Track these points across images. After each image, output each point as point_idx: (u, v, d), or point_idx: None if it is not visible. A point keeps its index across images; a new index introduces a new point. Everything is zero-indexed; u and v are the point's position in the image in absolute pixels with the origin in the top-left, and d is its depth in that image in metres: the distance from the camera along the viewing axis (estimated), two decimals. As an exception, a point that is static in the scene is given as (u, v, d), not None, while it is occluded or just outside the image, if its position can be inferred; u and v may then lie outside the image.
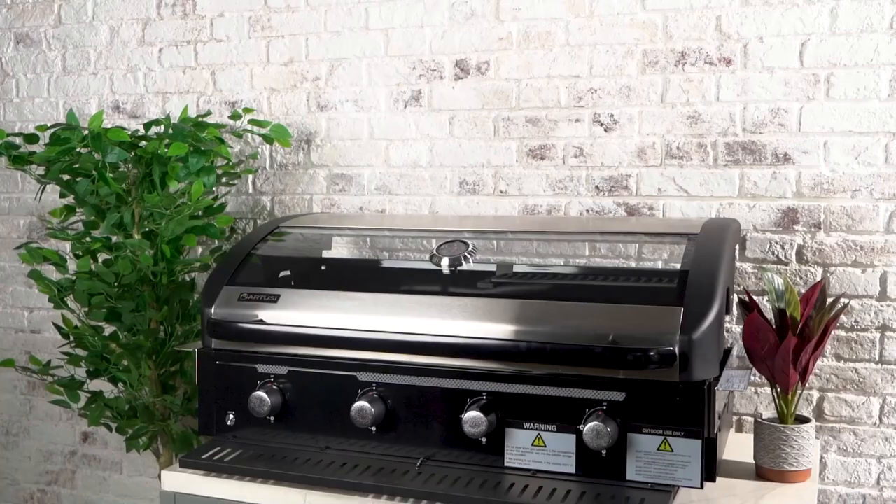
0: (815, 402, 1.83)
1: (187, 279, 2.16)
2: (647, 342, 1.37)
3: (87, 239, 2.02)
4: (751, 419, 1.85)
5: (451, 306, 1.52)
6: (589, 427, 1.38)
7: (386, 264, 2.08)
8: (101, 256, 2.09)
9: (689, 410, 1.36)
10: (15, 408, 2.62)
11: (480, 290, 1.58)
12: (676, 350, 1.35)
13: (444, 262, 1.61)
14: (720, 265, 1.47)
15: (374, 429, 1.54)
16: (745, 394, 1.87)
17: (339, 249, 2.08)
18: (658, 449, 1.38)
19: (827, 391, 1.83)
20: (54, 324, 2.19)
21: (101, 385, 2.24)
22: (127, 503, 2.51)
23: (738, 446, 1.69)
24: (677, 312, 1.39)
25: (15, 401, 2.62)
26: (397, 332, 1.51)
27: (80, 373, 2.18)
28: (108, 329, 2.13)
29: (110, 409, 2.08)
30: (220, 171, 2.09)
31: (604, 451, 1.41)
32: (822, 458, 1.83)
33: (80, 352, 2.11)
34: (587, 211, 1.95)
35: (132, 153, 1.93)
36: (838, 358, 1.82)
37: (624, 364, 1.37)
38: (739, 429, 1.88)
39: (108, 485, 2.53)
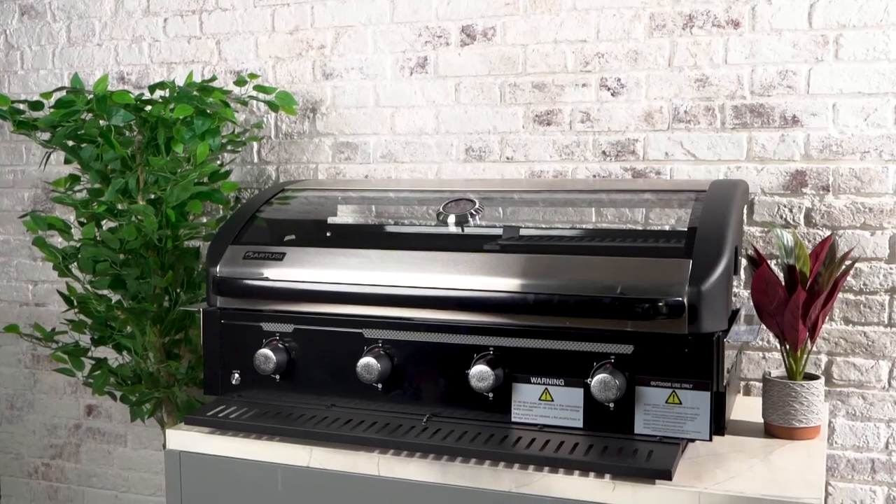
0: (823, 367, 1.82)
1: (192, 246, 2.15)
2: (656, 293, 1.35)
3: (93, 205, 2.02)
4: (758, 384, 1.84)
5: (457, 261, 1.51)
6: (597, 379, 1.37)
7: (392, 223, 2.07)
8: (106, 225, 2.08)
9: (697, 362, 1.35)
10: (19, 382, 2.61)
11: (487, 245, 1.57)
12: (685, 301, 1.34)
13: (451, 219, 1.60)
14: (729, 220, 1.46)
15: (379, 386, 1.53)
16: (753, 359, 1.86)
17: (345, 210, 2.07)
18: (666, 402, 1.37)
19: (835, 355, 1.81)
20: (59, 291, 2.18)
21: (105, 353, 2.24)
22: (131, 476, 2.50)
23: (746, 409, 1.68)
24: (686, 265, 1.37)
25: (19, 375, 2.61)
26: (403, 286, 1.50)
27: (85, 340, 2.18)
28: (113, 298, 2.13)
29: (115, 375, 2.07)
30: (224, 140, 2.09)
31: (611, 405, 1.40)
32: (830, 422, 1.82)
33: (84, 319, 2.10)
34: (594, 176, 1.94)
35: (137, 116, 1.93)
36: (847, 321, 1.80)
37: (632, 315, 1.36)
38: (747, 393, 1.86)
39: (112, 458, 2.52)
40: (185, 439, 1.57)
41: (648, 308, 1.35)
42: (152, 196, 2.02)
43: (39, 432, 2.61)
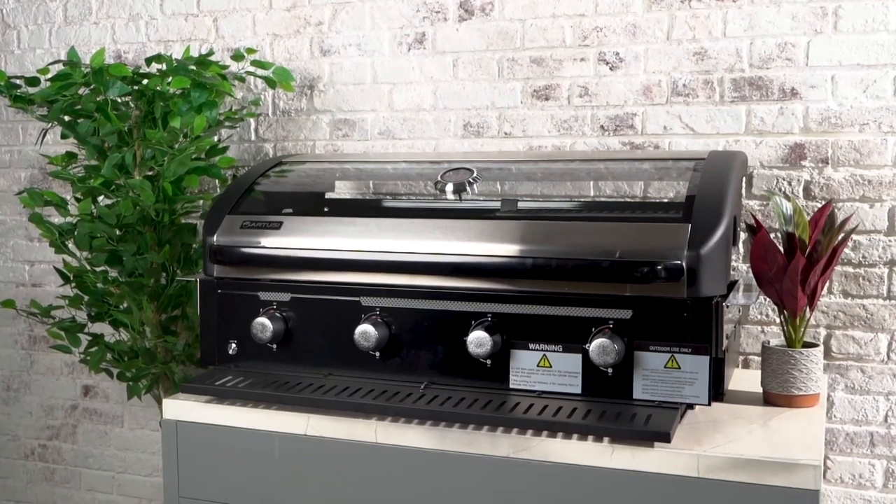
0: (822, 340, 1.82)
1: (189, 222, 2.14)
2: (655, 257, 1.35)
3: (90, 181, 2.01)
4: (757, 358, 1.84)
5: (455, 228, 1.50)
6: (595, 344, 1.36)
7: (390, 193, 2.06)
8: (103, 202, 2.07)
9: (696, 327, 1.35)
10: (16, 363, 2.61)
11: (485, 212, 1.56)
12: (684, 265, 1.34)
13: (449, 187, 1.60)
14: (728, 186, 1.45)
15: (377, 354, 1.53)
16: (752, 333, 1.85)
17: (343, 181, 2.06)
18: (665, 366, 1.36)
19: (834, 328, 1.81)
20: (55, 267, 2.17)
21: (102, 329, 2.23)
22: (128, 456, 2.49)
23: (745, 380, 1.68)
24: (685, 229, 1.37)
25: (16, 356, 2.60)
26: (401, 252, 1.49)
27: (81, 316, 2.17)
28: (111, 274, 2.12)
29: (111, 351, 2.06)
30: (222, 117, 2.08)
31: (610, 370, 1.39)
32: (829, 396, 1.82)
33: (81, 294, 2.09)
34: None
35: (134, 88, 1.92)
36: (846, 294, 1.80)
37: (631, 279, 1.36)
38: (746, 367, 1.86)
39: (109, 438, 2.51)
40: (182, 408, 1.57)
41: (647, 272, 1.35)
42: (149, 172, 2.01)
43: (36, 413, 2.60)
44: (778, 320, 1.82)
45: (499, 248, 1.44)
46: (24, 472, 2.63)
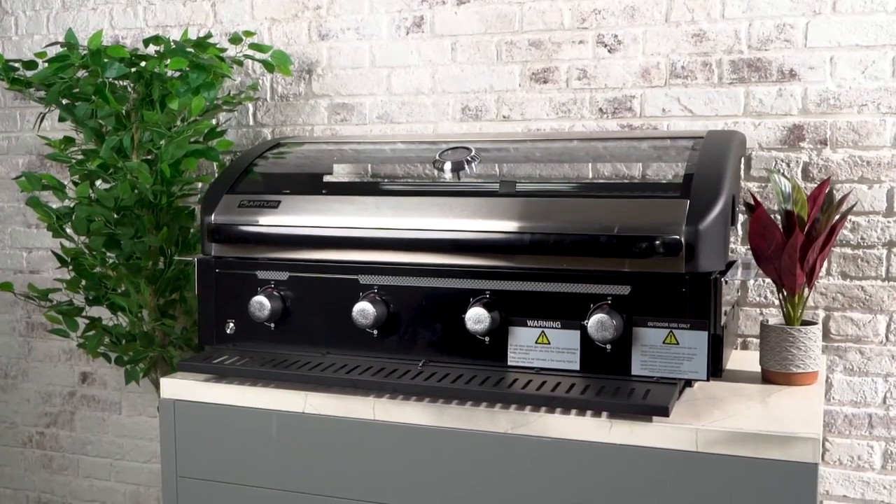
0: (820, 322, 1.81)
1: (187, 204, 2.14)
2: (653, 232, 1.35)
3: (88, 164, 2.00)
4: (755, 340, 1.83)
5: (453, 205, 1.50)
6: (594, 319, 1.36)
7: (388, 173, 2.06)
8: (101, 186, 2.07)
9: (695, 302, 1.35)
10: (13, 350, 2.60)
11: (484, 190, 1.56)
12: (683, 239, 1.33)
13: (447, 166, 1.59)
14: (726, 163, 1.45)
15: (375, 332, 1.52)
16: (751, 315, 1.85)
17: (341, 161, 2.06)
18: (664, 342, 1.36)
19: (833, 310, 1.81)
20: (52, 251, 2.17)
21: (100, 313, 2.23)
22: (126, 443, 2.49)
23: (744, 360, 1.67)
24: (683, 204, 1.37)
25: (13, 343, 2.60)
26: (399, 230, 1.49)
27: (79, 299, 2.17)
28: (109, 260, 2.11)
29: (109, 334, 2.06)
30: (220, 101, 2.08)
31: (608, 346, 1.39)
32: (827, 377, 1.82)
33: (78, 277, 2.09)
34: (591, 133, 1.94)
35: (132, 70, 1.91)
36: (844, 276, 1.80)
37: (630, 253, 1.36)
38: (745, 348, 1.86)
39: (107, 425, 2.51)
40: (180, 388, 1.56)
41: (646, 247, 1.34)
42: (148, 157, 2.00)
43: (34, 401, 2.59)
44: (777, 302, 1.82)
45: (497, 224, 1.44)
46: (22, 459, 2.63)
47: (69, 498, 2.58)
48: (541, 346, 1.43)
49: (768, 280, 1.82)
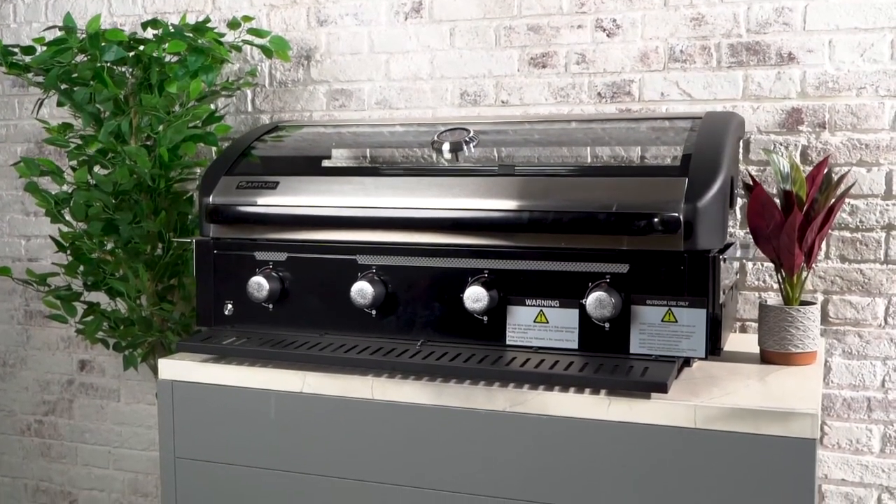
0: (819, 306, 1.81)
1: (185, 190, 2.14)
2: (652, 209, 1.35)
3: (86, 149, 2.00)
4: (754, 324, 1.83)
5: (451, 185, 1.50)
6: (592, 297, 1.36)
7: (387, 155, 2.05)
8: (100, 172, 2.07)
9: (693, 280, 1.35)
10: (12, 338, 2.60)
11: (482, 170, 1.56)
12: (681, 217, 1.33)
13: (446, 146, 1.59)
14: (725, 143, 1.45)
15: (373, 312, 1.52)
16: (749, 299, 1.85)
17: (340, 144, 2.05)
18: (662, 320, 1.36)
19: (831, 293, 1.81)
20: (51, 237, 2.17)
21: (98, 298, 2.22)
22: (124, 431, 2.49)
23: (742, 343, 1.67)
24: (682, 182, 1.37)
25: (11, 331, 2.60)
26: (397, 209, 1.49)
27: (77, 284, 2.16)
28: (107, 245, 2.11)
29: (108, 319, 2.06)
30: (218, 87, 2.07)
31: (606, 325, 1.39)
32: (826, 361, 1.81)
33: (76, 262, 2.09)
34: (589, 118, 1.93)
35: (130, 54, 1.91)
36: (843, 259, 1.80)
37: (628, 231, 1.35)
38: (743, 331, 1.86)
39: (105, 413, 2.51)
40: (178, 368, 1.56)
41: (644, 224, 1.34)
42: (147, 142, 2.00)
43: (32, 388, 2.59)
44: (775, 285, 1.82)
45: (496, 203, 1.44)
46: (21, 447, 2.62)
47: (68, 486, 2.58)
48: (539, 325, 1.43)
49: (767, 264, 1.82)
